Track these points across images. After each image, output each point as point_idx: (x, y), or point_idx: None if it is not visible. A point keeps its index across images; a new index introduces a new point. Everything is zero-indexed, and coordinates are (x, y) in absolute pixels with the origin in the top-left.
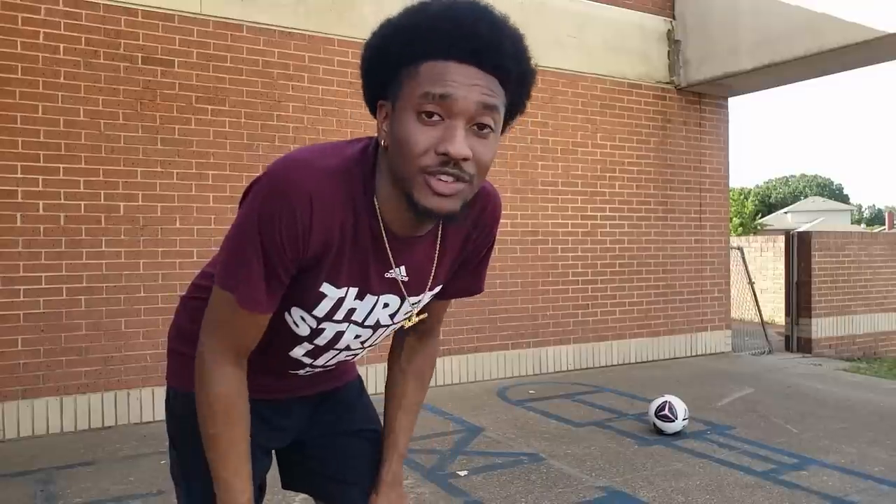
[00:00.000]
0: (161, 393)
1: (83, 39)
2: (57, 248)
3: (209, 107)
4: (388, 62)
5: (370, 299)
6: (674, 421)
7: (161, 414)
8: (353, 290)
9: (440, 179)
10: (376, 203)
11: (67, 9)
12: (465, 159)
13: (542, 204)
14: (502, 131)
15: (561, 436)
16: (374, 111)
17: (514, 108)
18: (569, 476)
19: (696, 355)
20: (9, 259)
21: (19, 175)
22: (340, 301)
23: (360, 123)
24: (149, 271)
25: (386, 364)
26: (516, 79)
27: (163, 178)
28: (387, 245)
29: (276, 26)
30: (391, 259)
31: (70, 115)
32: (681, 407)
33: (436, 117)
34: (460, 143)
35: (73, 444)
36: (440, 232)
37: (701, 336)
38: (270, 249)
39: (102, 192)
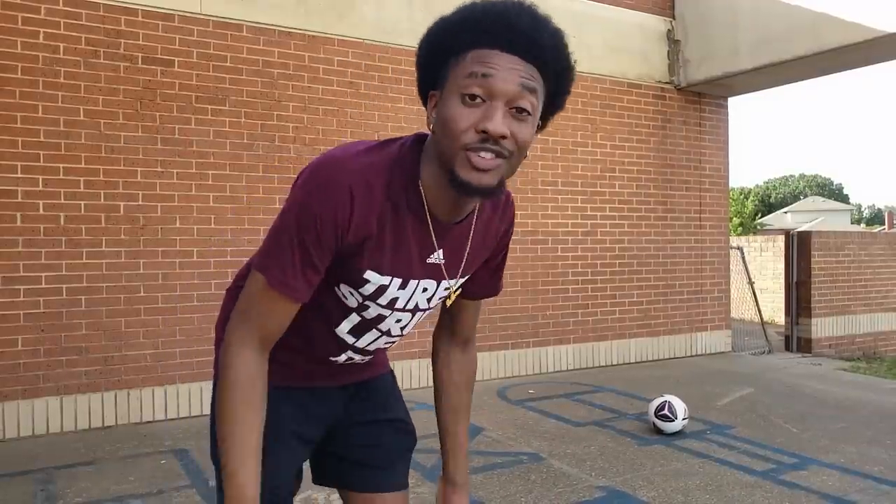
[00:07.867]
0: (161, 393)
1: (83, 39)
2: (57, 248)
3: (209, 107)
4: (438, 54)
5: (412, 285)
6: (673, 421)
7: (161, 414)
8: (398, 281)
9: (480, 155)
10: (422, 189)
11: (67, 8)
12: (504, 137)
13: (542, 204)
14: (542, 126)
15: (561, 435)
16: (426, 103)
17: (554, 102)
18: (569, 476)
19: (696, 355)
20: (8, 259)
21: (19, 175)
22: (384, 288)
23: (360, 123)
24: (149, 271)
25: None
26: (555, 71)
27: (163, 178)
28: (431, 229)
29: (276, 26)
30: (434, 242)
31: (70, 114)
32: (680, 407)
33: (478, 99)
34: (499, 122)
35: (73, 444)
36: (475, 219)
37: (701, 336)
38: (307, 238)
39: (102, 191)
